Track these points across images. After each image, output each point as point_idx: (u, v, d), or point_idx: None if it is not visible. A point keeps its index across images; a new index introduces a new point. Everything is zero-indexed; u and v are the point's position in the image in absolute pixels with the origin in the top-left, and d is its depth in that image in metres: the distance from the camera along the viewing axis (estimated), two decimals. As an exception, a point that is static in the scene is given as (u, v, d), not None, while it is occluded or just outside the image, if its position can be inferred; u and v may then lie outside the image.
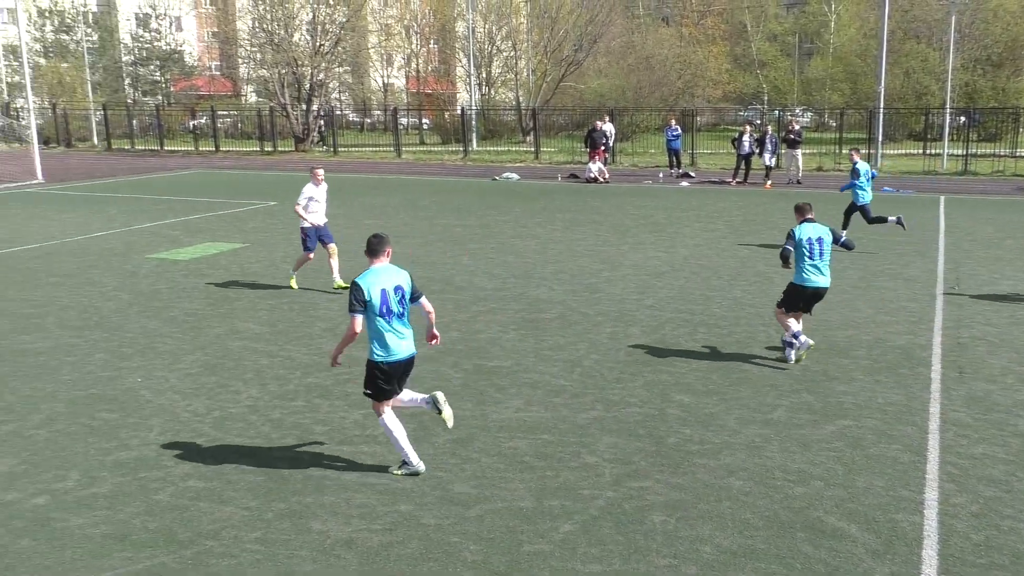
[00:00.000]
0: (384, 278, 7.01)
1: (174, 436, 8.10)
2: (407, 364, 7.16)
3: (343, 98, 65.19)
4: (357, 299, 6.91)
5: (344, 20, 49.11)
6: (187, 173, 36.35)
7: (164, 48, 70.18)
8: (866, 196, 17.38)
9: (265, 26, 49.27)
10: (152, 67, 69.87)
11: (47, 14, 66.98)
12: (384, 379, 7.06)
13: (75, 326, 11.95)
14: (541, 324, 11.94)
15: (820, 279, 10.12)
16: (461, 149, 43.75)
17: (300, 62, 47.87)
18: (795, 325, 10.08)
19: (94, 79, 62.14)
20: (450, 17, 63.75)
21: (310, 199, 13.85)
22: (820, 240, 10.08)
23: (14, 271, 15.61)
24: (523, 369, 10.04)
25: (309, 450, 7.77)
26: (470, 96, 51.47)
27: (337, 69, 53.56)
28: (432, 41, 69.14)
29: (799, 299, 10.22)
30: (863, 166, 17.52)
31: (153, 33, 70.17)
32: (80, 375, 9.88)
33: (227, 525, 6.44)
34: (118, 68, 68.68)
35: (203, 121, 54.30)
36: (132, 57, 70.12)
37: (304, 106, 48.31)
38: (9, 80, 65.39)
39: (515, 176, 32.58)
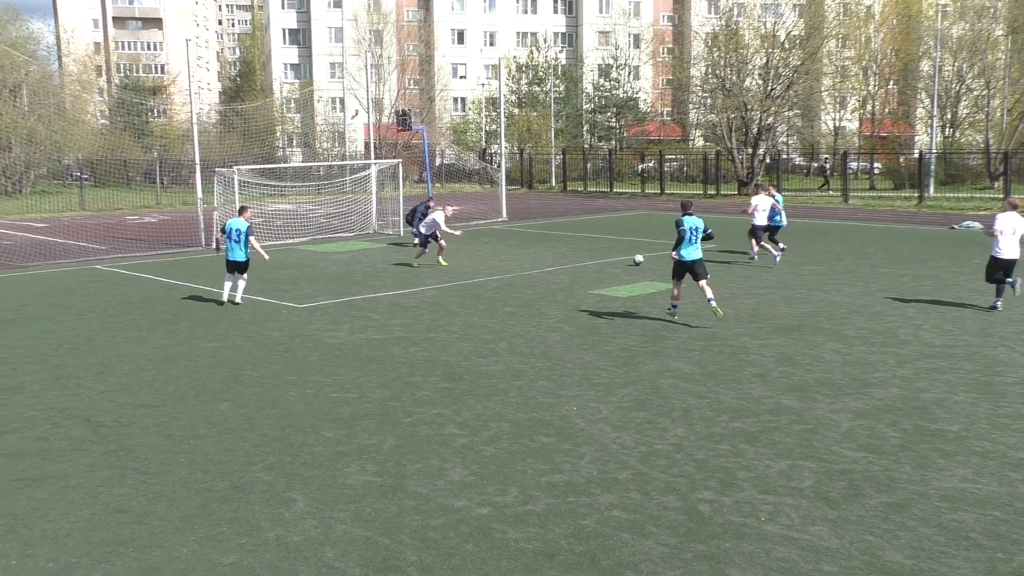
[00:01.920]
0: (235, 223, 16.41)
1: (603, 465, 8.45)
2: (232, 263, 16.45)
3: (790, 142, 64.20)
4: (222, 228, 16.75)
5: (799, 63, 48.40)
6: (632, 214, 37.99)
7: (621, 96, 74.49)
8: (779, 221, 22.11)
9: (718, 72, 50.16)
10: (609, 114, 74.58)
11: (524, 69, 74.31)
12: (227, 266, 16.59)
13: (523, 353, 12.97)
14: (999, 388, 10.75)
15: (695, 254, 14.43)
16: (916, 195, 41.03)
17: (750, 106, 48.01)
18: (677, 297, 14.78)
19: (557, 126, 67.55)
20: (914, 56, 60.18)
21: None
22: (696, 228, 14.46)
23: (480, 299, 17.36)
24: (973, 436, 9.10)
25: (731, 495, 7.68)
26: (930, 139, 48.16)
27: (787, 113, 52.94)
28: (891, 82, 65.70)
29: (681, 269, 14.57)
30: (779, 197, 23.08)
31: (613, 82, 74.85)
32: (524, 399, 10.69)
33: (647, 559, 6.56)
34: (579, 115, 74.16)
35: (651, 164, 56.51)
36: (592, 105, 75.42)
37: (750, 150, 48.32)
38: (487, 128, 73.27)
39: (977, 225, 29.72)
